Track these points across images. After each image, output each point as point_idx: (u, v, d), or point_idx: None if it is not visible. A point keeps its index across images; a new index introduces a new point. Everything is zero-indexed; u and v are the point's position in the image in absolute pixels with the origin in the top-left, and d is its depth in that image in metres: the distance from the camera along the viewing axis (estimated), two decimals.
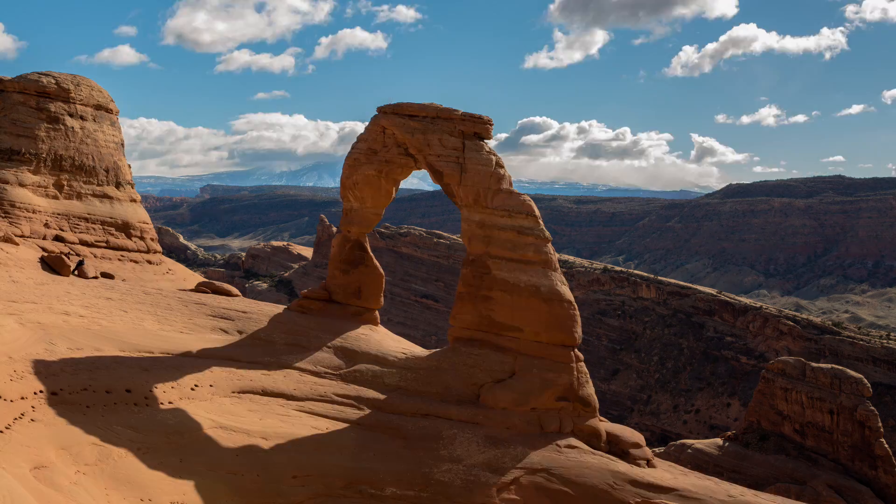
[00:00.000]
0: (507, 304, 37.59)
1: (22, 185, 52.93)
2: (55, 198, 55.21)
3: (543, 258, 37.94)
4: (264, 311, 43.61)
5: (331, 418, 34.35)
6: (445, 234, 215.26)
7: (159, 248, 62.02)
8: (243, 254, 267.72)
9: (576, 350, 37.70)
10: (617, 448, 36.17)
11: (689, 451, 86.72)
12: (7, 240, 48.64)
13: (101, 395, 29.65)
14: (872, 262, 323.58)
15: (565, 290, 37.87)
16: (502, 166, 39.44)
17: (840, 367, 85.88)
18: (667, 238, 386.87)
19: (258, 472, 29.41)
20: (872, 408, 79.84)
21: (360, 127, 46.30)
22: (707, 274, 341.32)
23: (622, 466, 34.17)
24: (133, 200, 61.53)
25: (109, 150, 60.02)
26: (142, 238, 59.63)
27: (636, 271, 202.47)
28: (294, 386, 35.88)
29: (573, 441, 35.26)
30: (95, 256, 54.02)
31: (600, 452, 35.18)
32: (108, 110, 61.17)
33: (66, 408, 27.90)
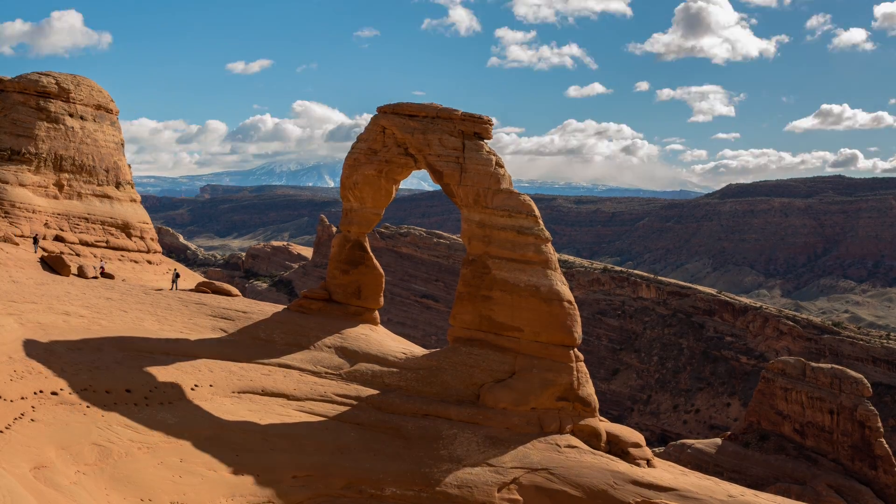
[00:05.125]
0: (506, 304, 37.58)
1: (22, 185, 52.93)
2: (55, 198, 55.20)
3: (543, 258, 37.94)
4: (264, 311, 43.60)
5: (331, 418, 34.36)
6: (445, 234, 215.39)
7: (159, 248, 62.01)
8: (243, 254, 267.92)
9: (576, 350, 37.70)
10: (617, 448, 36.18)
11: (689, 451, 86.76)
12: (7, 240, 48.64)
13: (101, 395, 29.66)
14: (872, 262, 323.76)
15: (565, 290, 37.87)
16: (502, 166, 39.44)
17: (840, 367, 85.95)
18: (667, 238, 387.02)
19: (258, 472, 29.41)
20: (872, 408, 79.89)
21: None
22: (707, 274, 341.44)
23: (622, 466, 34.19)
24: (133, 200, 61.53)
25: (109, 150, 60.02)
26: (142, 238, 59.62)
27: (636, 271, 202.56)
28: (294, 386, 35.88)
29: (573, 441, 35.27)
30: (95, 256, 54.02)
31: (600, 452, 35.19)
32: (108, 110, 61.17)
33: (66, 408, 27.90)
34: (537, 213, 38.65)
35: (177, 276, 50.64)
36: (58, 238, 52.83)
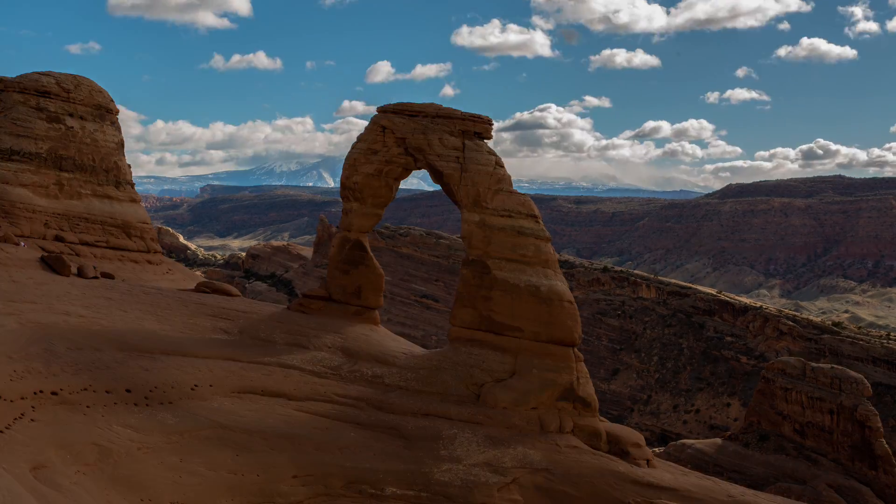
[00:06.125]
0: (506, 304, 37.57)
1: (22, 185, 52.91)
2: (55, 198, 55.17)
3: (543, 258, 37.93)
4: (264, 311, 43.58)
5: (331, 418, 34.34)
6: (445, 234, 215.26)
7: (159, 248, 62.00)
8: (243, 254, 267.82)
9: (576, 350, 37.69)
10: (617, 448, 36.15)
11: (689, 451, 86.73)
12: (7, 240, 48.60)
13: (101, 395, 29.63)
14: (872, 262, 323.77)
15: (565, 290, 37.85)
16: (502, 166, 39.42)
17: (840, 367, 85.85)
18: (667, 238, 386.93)
19: (258, 472, 29.39)
20: (872, 408, 79.81)
21: None
22: (707, 274, 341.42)
23: (622, 466, 34.16)
24: (133, 200, 61.50)
25: (109, 151, 59.99)
26: (142, 238, 59.60)
27: (636, 271, 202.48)
28: (294, 386, 35.85)
29: (573, 441, 35.25)
30: (95, 256, 54.00)
31: (600, 452, 35.17)
32: (109, 110, 61.14)
33: (66, 408, 27.88)
34: (537, 213, 38.64)
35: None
36: (58, 238, 52.80)
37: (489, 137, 40.42)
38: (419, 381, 37.16)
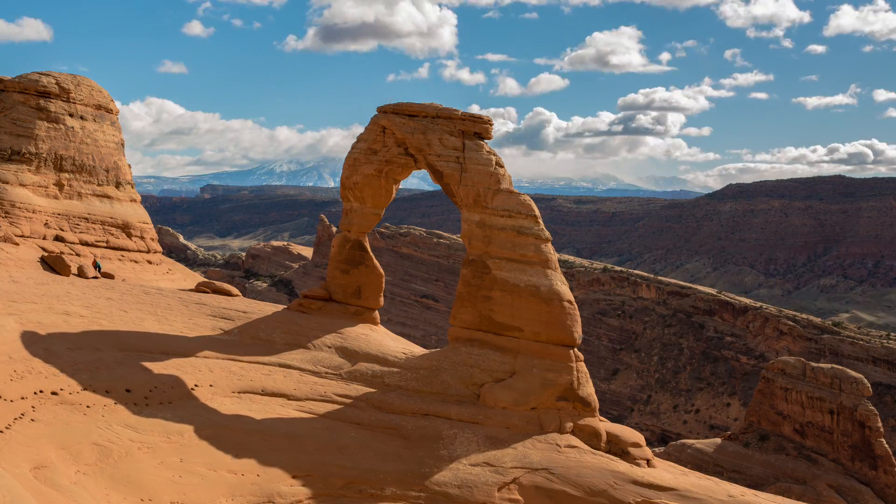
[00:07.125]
0: (507, 304, 37.59)
1: (22, 185, 52.93)
2: (55, 198, 55.20)
3: (543, 258, 37.94)
4: (264, 311, 43.60)
5: (331, 418, 34.37)
6: (445, 234, 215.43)
7: (159, 248, 61.99)
8: (243, 254, 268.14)
9: (576, 350, 37.71)
10: (617, 448, 36.19)
11: (689, 451, 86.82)
12: (7, 240, 48.63)
13: (101, 395, 29.66)
14: (872, 262, 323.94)
15: (565, 290, 37.87)
16: (502, 166, 39.45)
17: (840, 367, 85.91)
18: (667, 238, 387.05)
19: (258, 472, 29.41)
20: (872, 408, 79.90)
21: None
22: (707, 274, 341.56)
23: (622, 466, 34.19)
24: (133, 200, 61.53)
25: (109, 150, 60.03)
26: (142, 238, 59.62)
27: (636, 271, 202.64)
28: (294, 386, 35.89)
29: (573, 441, 35.28)
30: (96, 256, 54.03)
31: (600, 452, 35.20)
32: (109, 110, 61.17)
33: (66, 408, 27.90)
34: (537, 212, 38.65)
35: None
36: (58, 238, 52.83)
37: (489, 137, 40.45)
38: (419, 381, 37.19)
